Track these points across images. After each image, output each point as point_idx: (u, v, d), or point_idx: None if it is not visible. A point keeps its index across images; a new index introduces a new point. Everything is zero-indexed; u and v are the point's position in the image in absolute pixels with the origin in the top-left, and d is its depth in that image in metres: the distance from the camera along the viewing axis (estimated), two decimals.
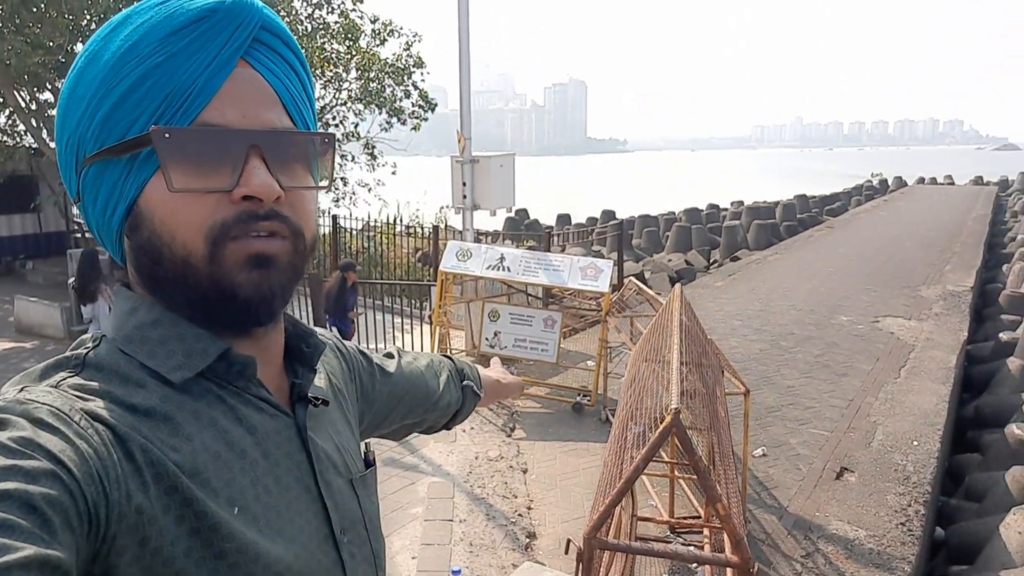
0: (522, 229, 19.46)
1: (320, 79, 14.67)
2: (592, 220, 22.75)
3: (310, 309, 7.52)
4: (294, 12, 13.79)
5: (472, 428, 6.00)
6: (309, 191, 0.66)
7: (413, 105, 15.03)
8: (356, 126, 15.48)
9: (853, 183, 39.78)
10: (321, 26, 14.28)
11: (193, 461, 0.57)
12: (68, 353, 0.60)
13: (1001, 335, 8.95)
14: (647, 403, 2.53)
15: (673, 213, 24.00)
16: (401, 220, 14.39)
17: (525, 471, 5.22)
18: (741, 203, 27.03)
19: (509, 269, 6.46)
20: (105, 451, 0.52)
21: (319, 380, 0.77)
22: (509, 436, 5.89)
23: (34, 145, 12.24)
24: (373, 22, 14.79)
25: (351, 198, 15.95)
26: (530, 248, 10.23)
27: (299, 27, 13.62)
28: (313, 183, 0.67)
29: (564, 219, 23.20)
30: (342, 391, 0.83)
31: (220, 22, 0.60)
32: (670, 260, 16.82)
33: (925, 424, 5.71)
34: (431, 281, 8.91)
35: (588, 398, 6.27)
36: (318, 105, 14.90)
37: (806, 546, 4.03)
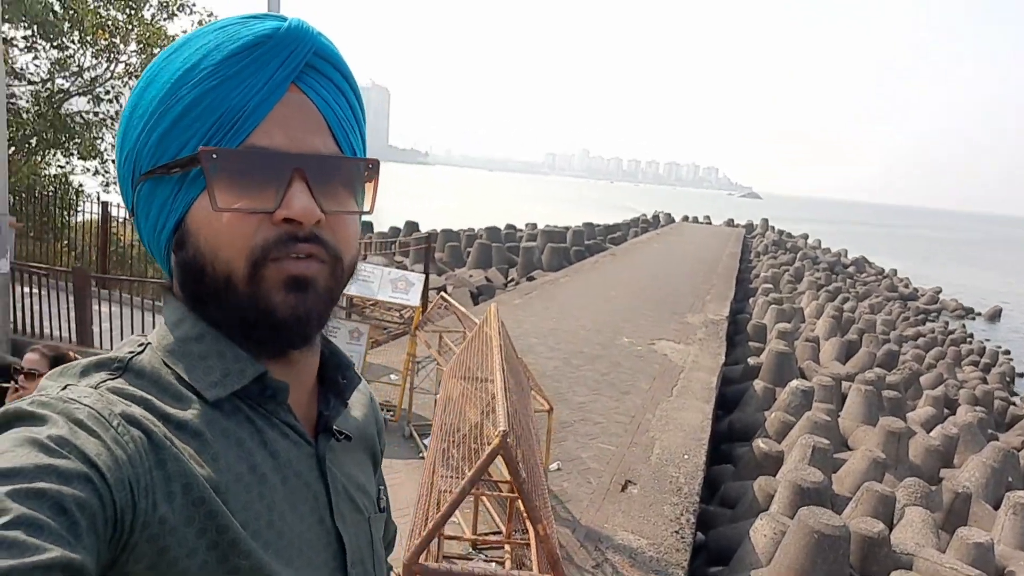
0: None
1: (91, 46, 13.00)
2: (395, 230, 22.58)
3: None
4: None
5: None
6: (351, 215, 0.66)
7: None
8: None
9: (631, 215, 43.82)
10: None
11: (218, 478, 0.58)
12: (112, 354, 0.62)
13: (749, 360, 10.35)
14: (463, 425, 2.53)
15: (473, 230, 24.62)
16: None
17: None
18: (535, 225, 28.50)
19: None
20: (139, 458, 0.53)
21: (346, 415, 0.78)
22: None
23: None
24: None
25: None
26: None
27: None
28: (356, 207, 0.67)
29: (366, 227, 22.75)
30: (365, 434, 0.82)
31: (274, 48, 0.62)
32: (471, 276, 17.21)
33: (693, 439, 6.40)
34: None
35: (392, 413, 6.16)
36: (89, 76, 13.22)
37: (596, 557, 4.30)
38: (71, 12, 11.98)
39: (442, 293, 7.04)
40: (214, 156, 0.59)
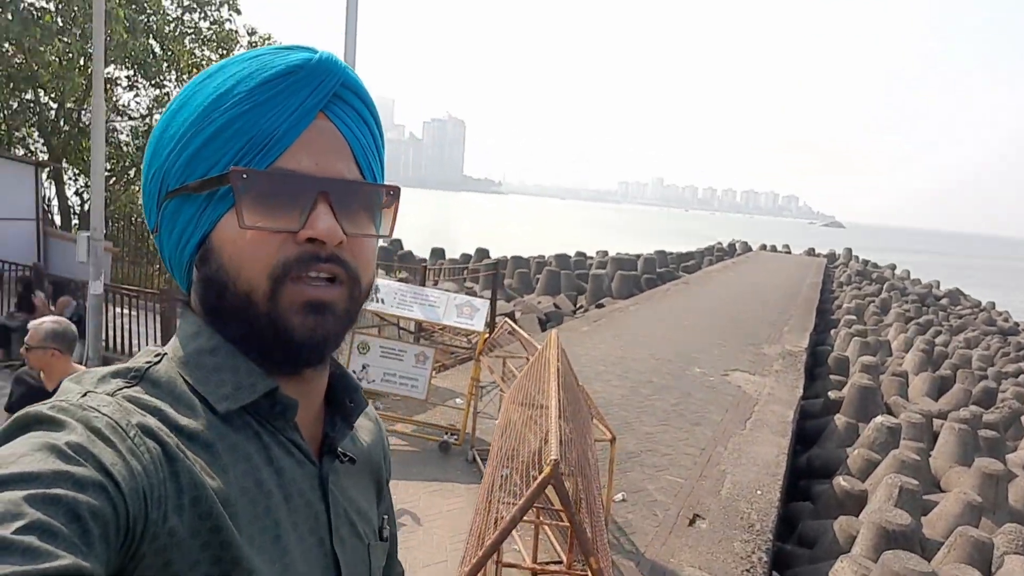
0: (395, 260, 19.17)
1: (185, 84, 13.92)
2: (466, 256, 22.87)
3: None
4: (162, 11, 13.01)
5: None
6: (369, 239, 0.68)
7: None
8: None
9: (706, 243, 42.95)
10: (191, 30, 13.59)
11: (226, 492, 0.58)
12: (130, 363, 0.63)
13: (830, 393, 9.85)
14: (521, 450, 2.48)
15: (543, 257, 24.67)
16: None
17: None
18: (606, 253, 28.29)
19: (383, 301, 6.28)
20: (154, 469, 0.53)
21: (352, 439, 0.78)
22: None
23: None
24: (251, 34, 14.28)
25: None
26: (402, 280, 10.05)
27: (166, 28, 12.84)
28: (375, 231, 0.69)
29: (438, 253, 23.17)
30: (371, 461, 0.82)
31: (305, 78, 0.64)
32: (540, 302, 17.19)
33: (767, 474, 6.10)
34: None
35: (456, 437, 6.16)
36: None
37: None
38: (169, 53, 12.85)
39: (506, 318, 7.05)
40: (244, 176, 0.61)
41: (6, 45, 10.93)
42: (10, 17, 10.09)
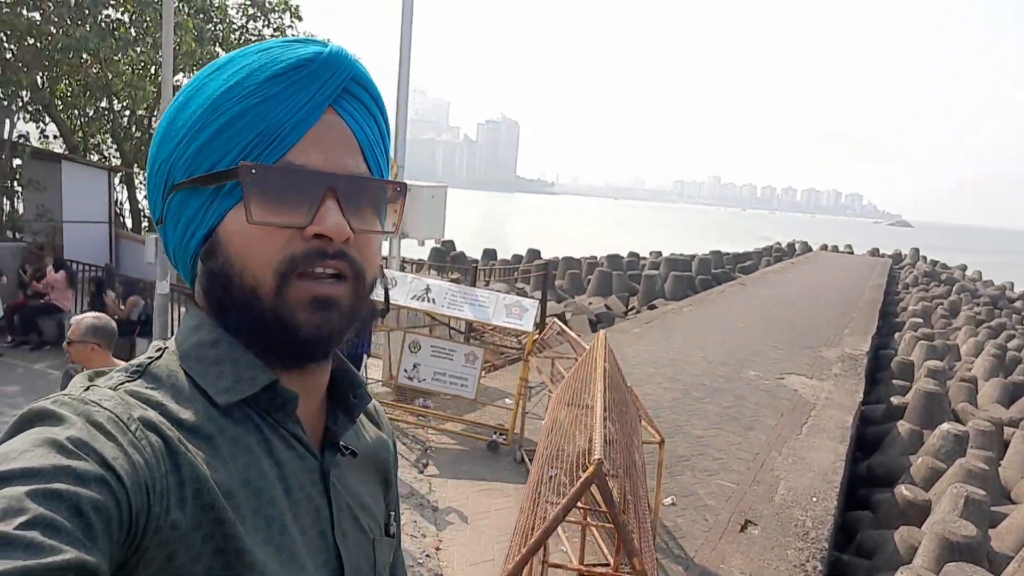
0: (448, 261, 19.38)
1: None
2: (517, 257, 22.94)
3: None
4: (228, 20, 13.48)
5: None
6: (376, 235, 0.69)
7: None
8: None
9: (764, 244, 41.93)
10: (255, 38, 14.04)
11: (228, 484, 0.58)
12: (132, 360, 0.64)
13: (892, 399, 9.50)
14: (567, 449, 2.49)
15: (595, 257, 24.53)
16: None
17: (436, 510, 5.07)
18: (660, 253, 27.93)
19: (434, 301, 6.37)
20: (155, 463, 0.54)
21: (356, 434, 0.78)
22: (421, 472, 5.73)
23: None
24: None
25: None
26: (454, 280, 10.17)
27: (231, 36, 13.30)
28: (380, 228, 0.69)
29: (490, 254, 23.30)
30: (376, 456, 0.82)
31: (316, 71, 0.64)
32: (591, 303, 17.11)
33: (823, 481, 5.94)
34: None
35: (504, 437, 6.20)
36: None
37: None
38: None
39: (555, 318, 7.05)
40: (253, 171, 0.61)
41: (84, 56, 11.51)
42: (88, 29, 10.63)
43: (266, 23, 14.13)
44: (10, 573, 0.41)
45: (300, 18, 14.30)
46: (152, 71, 12.36)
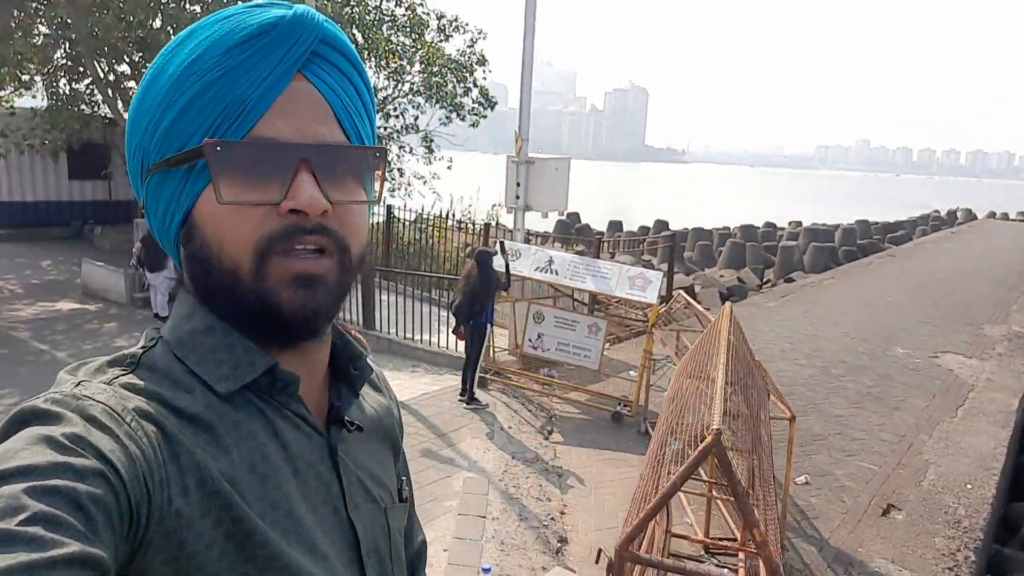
0: (572, 233, 19.37)
1: (384, 70, 14.91)
2: (644, 229, 22.52)
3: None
4: (365, 2, 14.03)
5: (510, 427, 6.00)
6: (359, 205, 0.66)
7: (473, 102, 15.12)
8: (416, 119, 15.66)
9: (919, 212, 38.41)
10: (388, 18, 14.51)
11: (231, 470, 0.58)
12: (125, 351, 0.62)
13: None
14: (688, 420, 2.46)
15: (728, 229, 23.58)
16: (453, 215, 14.47)
17: (560, 475, 5.18)
18: (799, 224, 26.37)
19: (557, 272, 6.42)
20: (152, 453, 0.53)
21: (360, 406, 0.77)
22: (546, 439, 5.86)
23: (109, 115, 12.78)
24: (439, 18, 14.94)
25: (406, 189, 16.13)
26: (578, 252, 10.17)
27: (367, 17, 13.85)
28: (364, 197, 0.66)
29: (616, 226, 23.04)
30: (382, 423, 0.80)
31: (279, 37, 0.61)
32: (722, 276, 16.52)
33: (981, 467, 5.45)
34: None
35: (628, 408, 6.19)
36: (380, 96, 15.20)
37: None
38: (370, 41, 13.89)
39: (680, 291, 6.89)
40: (218, 148, 0.58)
41: None
42: None
43: (397, 2, 14.57)
44: (15, 568, 0.41)
45: None
46: None
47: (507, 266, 6.38)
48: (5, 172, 13.08)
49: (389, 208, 12.18)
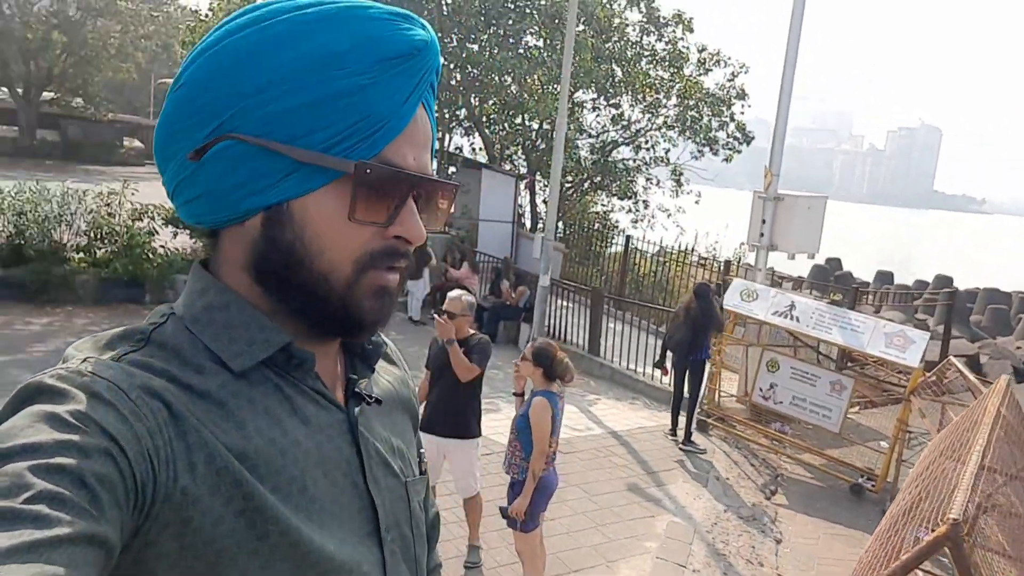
0: (830, 280, 17.67)
1: (640, 103, 15.07)
2: (921, 284, 19.79)
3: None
4: (626, 38, 14.35)
5: (727, 478, 5.62)
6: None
7: (728, 136, 14.64)
8: (667, 152, 15.56)
9: None
10: (648, 53, 14.66)
11: (243, 446, 0.58)
12: (136, 325, 0.62)
13: None
14: (924, 505, 2.07)
15: None
16: (695, 250, 14.08)
17: (779, 541, 4.72)
18: None
19: (798, 319, 5.90)
20: (158, 431, 0.53)
21: (376, 380, 0.77)
22: (768, 498, 5.39)
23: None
24: (700, 51, 14.74)
25: (649, 221, 16.06)
26: (833, 302, 9.23)
27: (628, 52, 14.12)
28: (442, 229, 0.70)
29: (884, 277, 20.59)
30: (399, 395, 0.81)
31: (422, 60, 0.61)
32: (1019, 347, 13.88)
33: None
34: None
35: (873, 482, 5.45)
36: (633, 128, 15.38)
37: None
38: (628, 76, 14.16)
39: (951, 357, 5.91)
40: (367, 172, 0.59)
41: (507, 78, 13.50)
42: (509, 54, 12.46)
43: (658, 37, 14.66)
44: (19, 548, 0.41)
45: (692, 30, 14.50)
46: (556, 88, 13.90)
47: (721, 306, 6.22)
48: None
49: (628, 239, 12.22)
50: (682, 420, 6.24)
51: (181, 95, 0.61)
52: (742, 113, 14.78)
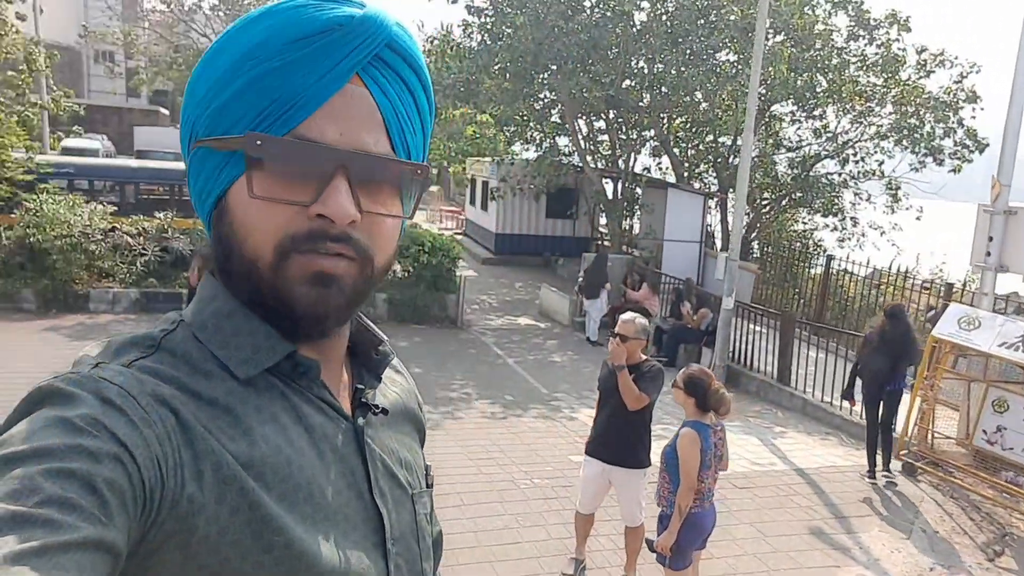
0: None
1: (847, 113, 13.84)
2: None
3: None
4: (830, 44, 13.28)
5: (938, 531, 4.90)
6: (391, 218, 0.65)
7: (955, 144, 12.90)
8: (880, 164, 14.08)
9: None
10: (856, 59, 13.44)
11: (250, 454, 0.58)
12: (146, 331, 0.63)
13: None
14: None
15: None
16: (917, 272, 12.50)
17: None
18: None
19: None
20: (167, 438, 0.54)
21: (385, 391, 0.76)
22: (990, 560, 4.62)
23: (579, 164, 14.76)
24: (919, 52, 13.22)
25: (858, 240, 14.60)
26: None
27: (832, 59, 13.04)
28: (398, 211, 0.66)
29: None
30: (407, 407, 0.80)
31: (344, 36, 0.60)
32: None
33: None
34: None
35: None
36: (841, 139, 14.10)
37: None
38: (833, 85, 13.04)
39: None
40: (258, 143, 0.58)
41: (697, 95, 13.08)
42: (697, 70, 12.09)
43: (869, 40, 13.39)
44: (28, 552, 0.41)
45: (909, 29, 13.04)
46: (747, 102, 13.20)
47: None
48: (503, 210, 16.24)
49: (829, 259, 11.22)
50: (879, 458, 5.60)
51: (181, 125, 0.68)
52: (973, 118, 12.98)
